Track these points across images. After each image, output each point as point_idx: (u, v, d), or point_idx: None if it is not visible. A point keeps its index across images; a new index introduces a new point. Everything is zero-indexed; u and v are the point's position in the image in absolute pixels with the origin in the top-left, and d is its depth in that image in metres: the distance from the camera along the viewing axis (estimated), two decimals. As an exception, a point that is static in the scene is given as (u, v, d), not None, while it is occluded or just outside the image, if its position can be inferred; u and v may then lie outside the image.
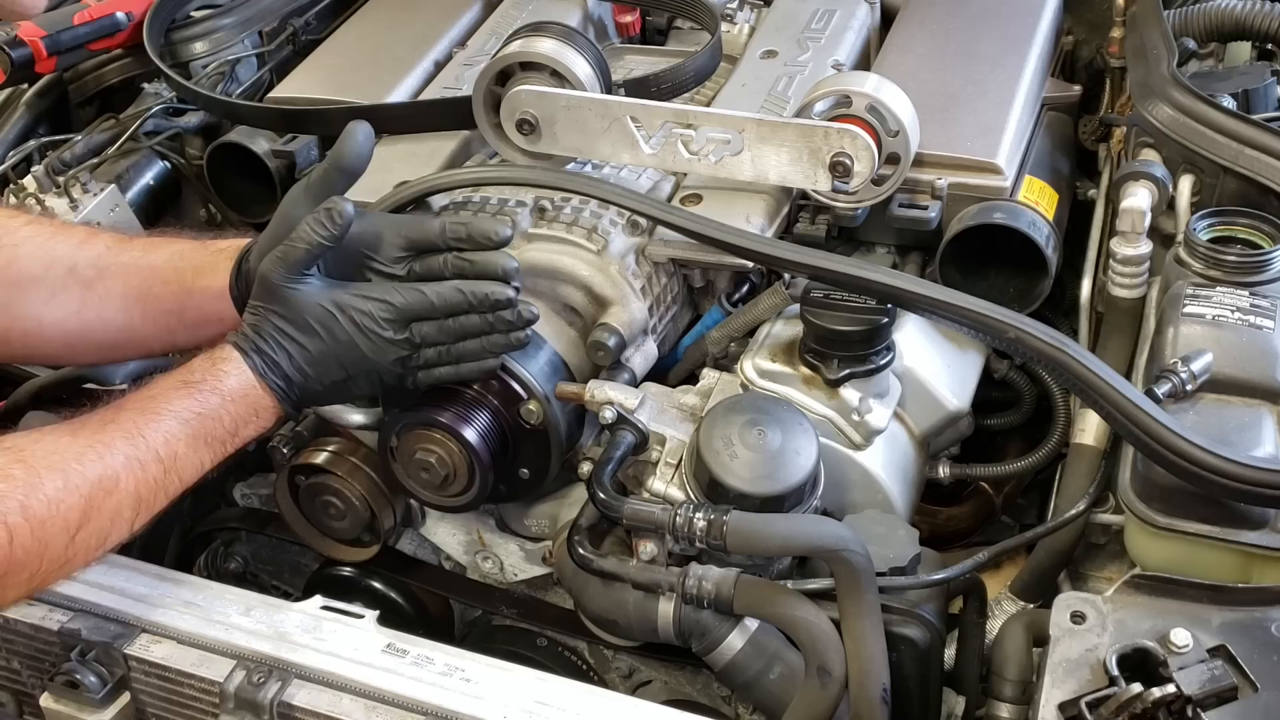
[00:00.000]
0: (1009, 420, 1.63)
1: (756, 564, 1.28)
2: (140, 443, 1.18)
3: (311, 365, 1.27)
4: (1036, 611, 1.35)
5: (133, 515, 1.18)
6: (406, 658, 1.17)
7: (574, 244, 1.46)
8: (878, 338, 1.35)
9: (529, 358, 1.38)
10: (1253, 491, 1.13)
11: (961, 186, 1.51)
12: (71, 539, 1.13)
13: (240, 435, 1.26)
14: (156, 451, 1.18)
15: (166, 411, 1.21)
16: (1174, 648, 1.06)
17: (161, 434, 1.19)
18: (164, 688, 1.21)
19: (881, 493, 1.39)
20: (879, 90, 1.45)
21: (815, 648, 1.18)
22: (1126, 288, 1.47)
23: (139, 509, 1.18)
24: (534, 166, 1.55)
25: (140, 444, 1.18)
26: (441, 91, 1.82)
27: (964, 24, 1.78)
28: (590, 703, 1.12)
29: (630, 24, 2.01)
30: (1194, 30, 1.72)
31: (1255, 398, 1.24)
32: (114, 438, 1.17)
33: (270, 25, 2.13)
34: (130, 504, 1.17)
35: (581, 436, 1.45)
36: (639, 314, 1.45)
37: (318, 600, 1.25)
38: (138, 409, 1.21)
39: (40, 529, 1.10)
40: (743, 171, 1.47)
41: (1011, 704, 1.25)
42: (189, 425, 1.21)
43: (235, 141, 1.87)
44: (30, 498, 1.09)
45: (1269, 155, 1.44)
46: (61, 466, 1.13)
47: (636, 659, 1.48)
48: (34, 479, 1.11)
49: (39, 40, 1.93)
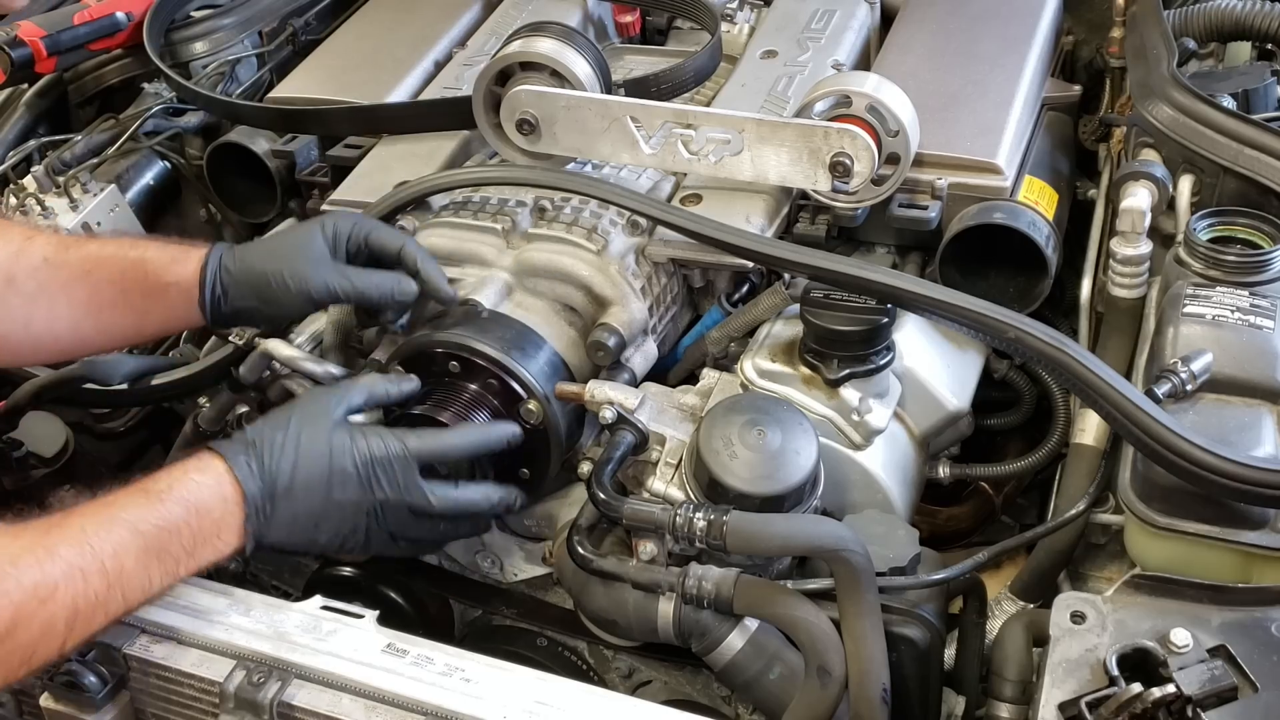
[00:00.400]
0: (1009, 420, 1.63)
1: (756, 564, 1.28)
2: (86, 550, 1.08)
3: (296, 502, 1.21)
4: (1036, 611, 1.35)
5: (65, 631, 1.07)
6: (406, 658, 1.17)
7: (574, 244, 1.46)
8: (878, 338, 1.35)
9: (528, 357, 1.38)
10: (1253, 491, 1.13)
11: (961, 186, 1.51)
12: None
13: (196, 557, 1.16)
14: (102, 563, 1.08)
15: (120, 519, 1.11)
16: (1174, 648, 1.06)
17: (110, 543, 1.09)
18: (164, 688, 1.20)
19: (881, 493, 1.39)
20: (879, 90, 1.45)
21: (815, 648, 1.18)
22: (1126, 288, 1.47)
23: (74, 625, 1.07)
24: (534, 166, 1.55)
25: (86, 551, 1.08)
26: (441, 91, 1.82)
27: (964, 24, 1.78)
28: (590, 703, 1.12)
29: (630, 24, 2.01)
30: (1194, 30, 1.72)
31: (1255, 398, 1.24)
32: (57, 542, 1.07)
33: (270, 25, 2.13)
34: (65, 618, 1.06)
35: (581, 436, 1.45)
36: (639, 314, 1.45)
37: (318, 600, 1.25)
38: (90, 514, 1.11)
39: None
40: (743, 171, 1.47)
41: (1011, 704, 1.25)
42: (142, 537, 1.11)
43: (235, 141, 1.87)
44: None
45: (1269, 155, 1.44)
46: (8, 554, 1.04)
47: (636, 659, 1.48)
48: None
49: (39, 40, 1.93)
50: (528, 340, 1.40)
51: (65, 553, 1.07)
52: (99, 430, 1.87)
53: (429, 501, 1.27)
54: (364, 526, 1.26)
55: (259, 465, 1.20)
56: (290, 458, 1.21)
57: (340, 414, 1.27)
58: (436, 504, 1.28)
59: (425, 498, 1.27)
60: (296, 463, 1.21)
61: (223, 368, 1.55)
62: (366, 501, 1.25)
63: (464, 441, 1.31)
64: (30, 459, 1.74)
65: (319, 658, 1.17)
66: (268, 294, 1.39)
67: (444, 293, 1.41)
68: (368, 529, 1.26)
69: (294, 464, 1.21)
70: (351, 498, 1.24)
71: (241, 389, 1.55)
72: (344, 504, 1.24)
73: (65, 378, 1.62)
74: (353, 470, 1.24)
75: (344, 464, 1.23)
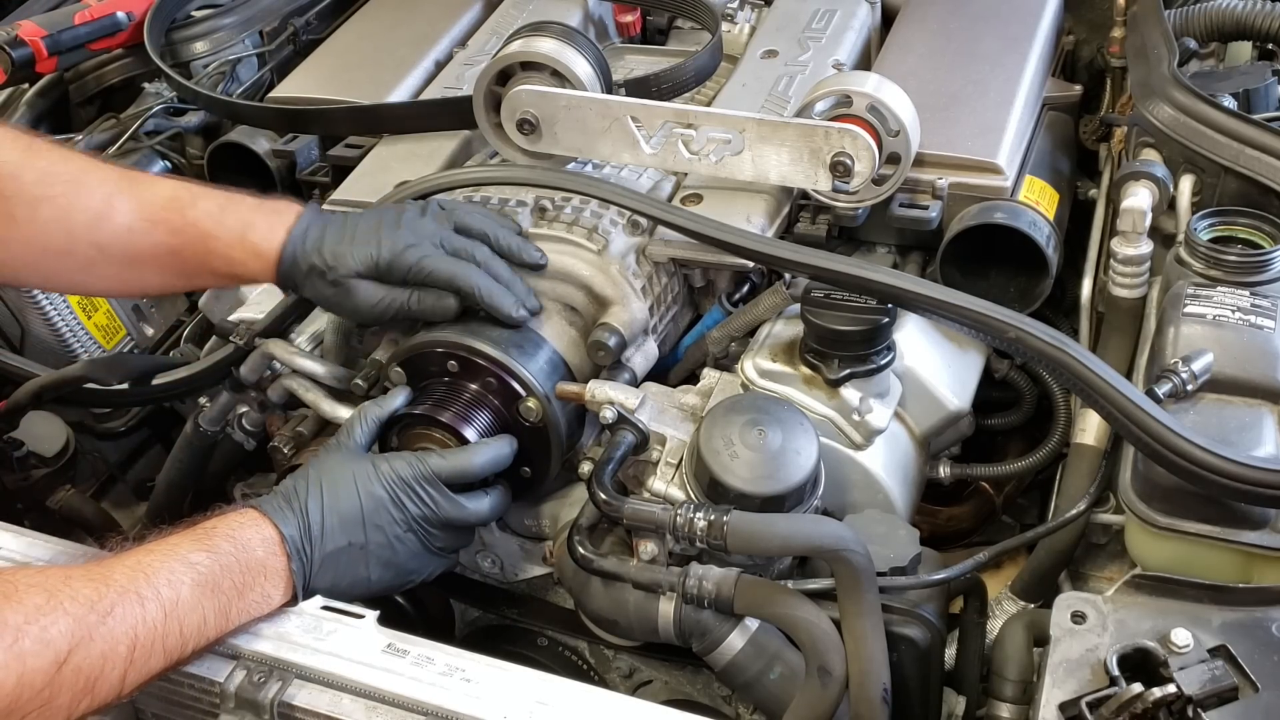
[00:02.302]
0: (1009, 420, 1.63)
1: (757, 564, 1.28)
2: (140, 577, 1.06)
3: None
4: (1037, 611, 1.35)
5: (126, 658, 1.03)
6: (407, 658, 1.16)
7: (574, 244, 1.46)
8: (878, 338, 1.35)
9: (528, 357, 1.38)
10: (1253, 491, 1.13)
11: (962, 186, 1.51)
12: (58, 669, 0.98)
13: (245, 598, 1.15)
14: (158, 590, 1.06)
15: (172, 553, 1.11)
16: (1174, 648, 1.06)
17: (165, 573, 1.08)
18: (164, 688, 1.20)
19: (882, 493, 1.39)
20: (879, 90, 1.45)
21: (816, 648, 1.18)
22: (1127, 288, 1.47)
23: (134, 654, 1.03)
24: (534, 166, 1.55)
25: (139, 578, 1.06)
26: (442, 91, 1.82)
27: (964, 24, 1.78)
28: (590, 703, 1.12)
29: (631, 24, 2.01)
30: (1195, 30, 1.72)
31: (1256, 398, 1.23)
32: (112, 568, 1.06)
33: (271, 25, 2.13)
34: (125, 642, 1.03)
35: (582, 436, 1.45)
36: (639, 314, 1.45)
37: (318, 600, 1.25)
38: (141, 550, 1.11)
39: (19, 657, 0.95)
40: (743, 171, 1.47)
41: (1012, 704, 1.25)
42: (194, 568, 1.10)
43: (236, 141, 1.87)
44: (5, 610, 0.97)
45: (1269, 155, 1.44)
46: (46, 585, 1.01)
47: (637, 659, 1.48)
48: (12, 592, 0.99)
49: (40, 40, 1.94)
50: (527, 339, 1.40)
51: (120, 577, 1.05)
52: (99, 430, 1.88)
53: (466, 512, 1.30)
54: (405, 552, 1.27)
55: (290, 509, 1.21)
56: (318, 497, 1.23)
57: (353, 446, 1.30)
58: (472, 515, 1.31)
59: (461, 509, 1.30)
60: (324, 500, 1.23)
61: (223, 368, 1.55)
62: (403, 520, 1.26)
63: (483, 460, 1.33)
64: (31, 459, 1.74)
65: (319, 658, 1.17)
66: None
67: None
68: (410, 552, 1.27)
69: (322, 502, 1.23)
70: (387, 520, 1.25)
71: (242, 389, 1.55)
72: (382, 527, 1.25)
73: (66, 378, 1.62)
74: (383, 493, 1.25)
75: (372, 489, 1.25)
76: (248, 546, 1.16)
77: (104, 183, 1.39)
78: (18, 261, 1.39)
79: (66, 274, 1.43)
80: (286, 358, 1.49)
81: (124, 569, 1.07)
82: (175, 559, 1.10)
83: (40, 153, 1.38)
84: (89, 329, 1.86)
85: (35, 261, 1.39)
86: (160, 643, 1.06)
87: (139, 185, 1.41)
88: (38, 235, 1.36)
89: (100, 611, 1.02)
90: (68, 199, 1.36)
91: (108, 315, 1.91)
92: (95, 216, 1.37)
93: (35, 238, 1.36)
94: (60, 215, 1.36)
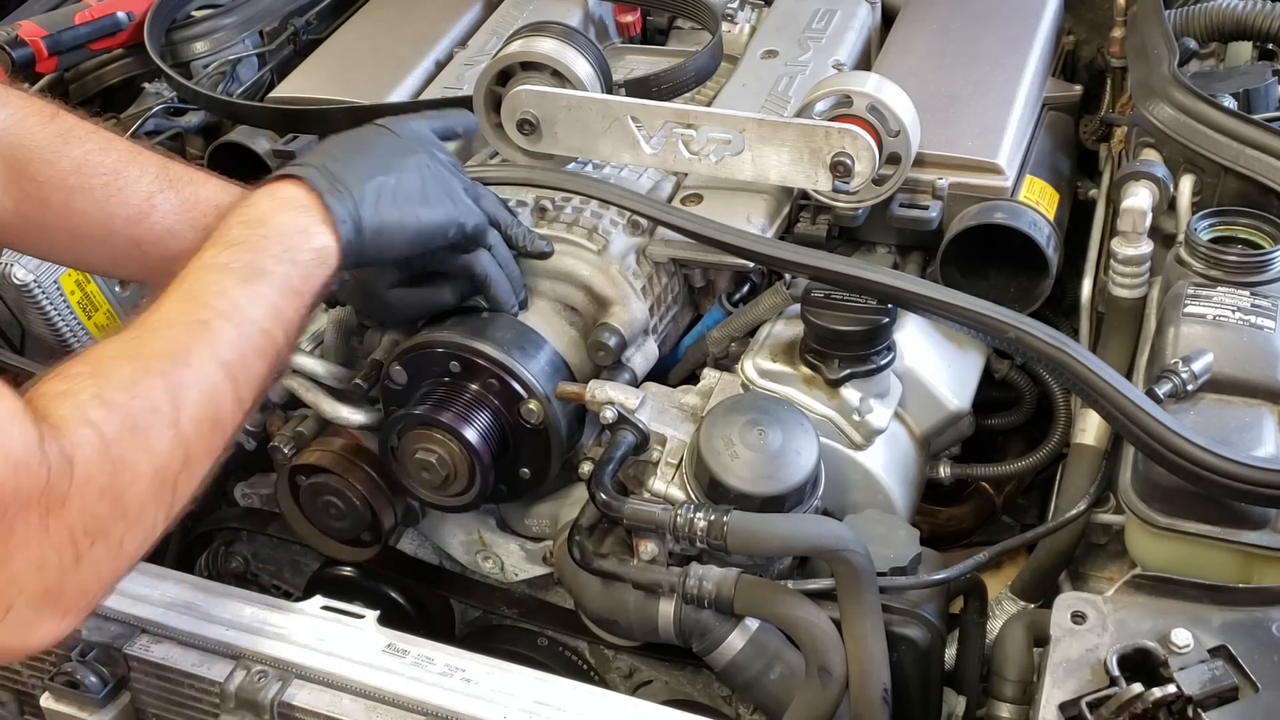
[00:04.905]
0: (1009, 420, 1.63)
1: (757, 564, 1.28)
2: (193, 307, 1.05)
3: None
4: (1037, 611, 1.35)
5: (231, 391, 1.04)
6: (407, 658, 1.17)
7: (574, 244, 1.46)
8: (878, 338, 1.35)
9: (529, 357, 1.38)
10: (1253, 491, 1.13)
11: (962, 186, 1.51)
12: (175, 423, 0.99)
13: (299, 264, 1.13)
14: (211, 304, 1.06)
15: (192, 270, 1.09)
16: (1175, 648, 1.06)
17: (203, 287, 1.08)
18: (164, 688, 1.21)
19: (882, 493, 1.39)
20: (880, 90, 1.45)
21: (816, 648, 1.18)
22: (1127, 288, 1.47)
23: (234, 374, 1.04)
24: (534, 166, 1.55)
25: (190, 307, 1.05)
26: (442, 91, 1.82)
27: (965, 24, 1.78)
28: (590, 703, 1.12)
29: (631, 24, 2.00)
30: (1195, 30, 1.72)
31: (1256, 398, 1.23)
32: (165, 312, 1.05)
33: (271, 25, 2.13)
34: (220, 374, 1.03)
35: (582, 436, 1.45)
36: (639, 314, 1.45)
37: (318, 600, 1.25)
38: (177, 280, 1.09)
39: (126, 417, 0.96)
40: (743, 171, 1.47)
41: (1012, 704, 1.25)
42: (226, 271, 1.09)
43: (236, 141, 1.87)
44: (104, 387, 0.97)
45: (1270, 155, 1.43)
46: (127, 353, 1.01)
47: (637, 659, 1.48)
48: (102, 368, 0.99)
49: (40, 40, 1.93)
50: (528, 340, 1.40)
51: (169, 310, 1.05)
52: (100, 430, 1.87)
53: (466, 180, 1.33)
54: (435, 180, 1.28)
55: (307, 164, 1.21)
56: (336, 139, 1.28)
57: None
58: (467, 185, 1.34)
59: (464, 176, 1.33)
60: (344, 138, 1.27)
61: (223, 367, 1.54)
62: (425, 152, 1.29)
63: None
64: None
65: (319, 658, 1.17)
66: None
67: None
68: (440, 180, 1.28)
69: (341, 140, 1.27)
70: (410, 152, 1.28)
71: (242, 389, 1.55)
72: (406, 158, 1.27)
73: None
74: (399, 135, 1.29)
75: (386, 127, 1.30)
76: (277, 204, 1.15)
77: (144, 177, 1.35)
78: (51, 241, 1.37)
79: (99, 261, 1.43)
80: (286, 358, 1.49)
81: (174, 307, 1.06)
82: (210, 271, 1.09)
83: (77, 138, 1.34)
84: (89, 329, 1.86)
85: (69, 246, 1.37)
86: (250, 347, 1.07)
87: (181, 183, 1.37)
88: (73, 222, 1.33)
89: (181, 361, 1.02)
90: (106, 193, 1.33)
91: (108, 315, 1.90)
92: (135, 213, 1.34)
93: (70, 225, 1.33)
94: (97, 208, 1.33)
